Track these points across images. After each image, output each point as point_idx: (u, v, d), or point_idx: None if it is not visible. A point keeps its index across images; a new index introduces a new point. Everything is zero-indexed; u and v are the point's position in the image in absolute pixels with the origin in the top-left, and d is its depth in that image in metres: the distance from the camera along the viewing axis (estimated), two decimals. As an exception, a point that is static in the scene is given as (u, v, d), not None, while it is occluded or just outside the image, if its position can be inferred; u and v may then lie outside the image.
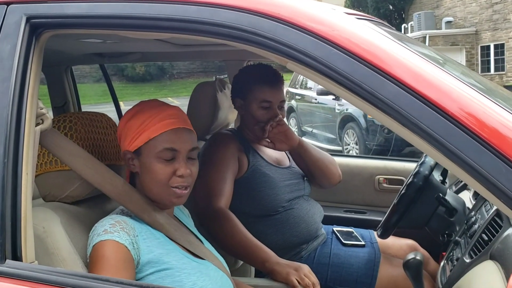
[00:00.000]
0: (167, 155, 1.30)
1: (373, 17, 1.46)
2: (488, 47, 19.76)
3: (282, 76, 2.07)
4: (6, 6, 1.19)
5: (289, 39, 0.99)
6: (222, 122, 2.27)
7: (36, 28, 1.17)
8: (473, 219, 1.64)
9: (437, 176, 1.97)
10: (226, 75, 2.75)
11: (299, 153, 2.09)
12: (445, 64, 1.37)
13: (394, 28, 1.65)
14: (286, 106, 10.40)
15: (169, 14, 1.07)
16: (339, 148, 8.63)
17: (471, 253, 1.44)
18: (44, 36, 1.19)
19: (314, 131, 9.75)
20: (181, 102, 2.19)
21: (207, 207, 1.77)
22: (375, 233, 2.14)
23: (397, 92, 0.91)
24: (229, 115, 2.28)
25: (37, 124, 1.17)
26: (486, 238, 1.39)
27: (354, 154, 7.97)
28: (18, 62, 1.12)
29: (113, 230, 1.22)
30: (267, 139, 1.96)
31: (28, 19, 1.16)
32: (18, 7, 1.18)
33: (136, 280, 1.23)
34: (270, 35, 0.99)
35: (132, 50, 2.35)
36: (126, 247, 1.21)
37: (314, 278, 1.67)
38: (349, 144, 8.31)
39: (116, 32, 1.21)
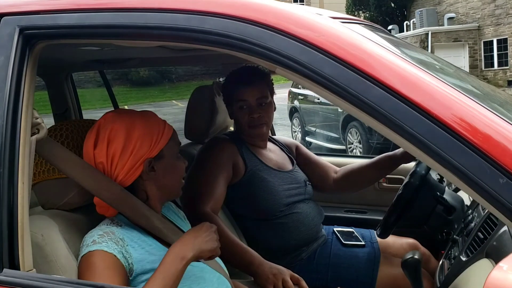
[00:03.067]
0: (178, 150, 1.43)
1: (362, 20, 1.47)
2: (491, 42, 19.70)
3: (264, 73, 2.07)
4: (-1, 18, 1.21)
5: (276, 45, 1.00)
6: (220, 126, 2.29)
7: (29, 39, 1.18)
8: (470, 218, 1.65)
9: (434, 175, 1.98)
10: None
11: None
12: (439, 69, 1.38)
13: (386, 30, 1.65)
14: (288, 107, 10.36)
15: (158, 22, 1.08)
16: (343, 147, 8.63)
17: (468, 251, 1.44)
18: (38, 47, 1.20)
19: (318, 130, 9.75)
20: (185, 105, 2.23)
21: (193, 210, 1.79)
22: (375, 232, 2.15)
23: (381, 95, 0.92)
24: (227, 119, 2.30)
25: (32, 134, 1.19)
26: (481, 236, 1.40)
27: (358, 153, 7.97)
28: (12, 73, 1.14)
29: (102, 240, 1.24)
30: None
31: (21, 31, 1.17)
32: (11, 19, 1.19)
33: (131, 287, 1.25)
34: (257, 41, 1.01)
35: (130, 56, 2.37)
36: (115, 255, 1.23)
37: (291, 284, 1.67)
38: (352, 143, 8.30)
39: (107, 41, 1.22)
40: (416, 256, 1.41)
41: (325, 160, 2.39)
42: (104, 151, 1.32)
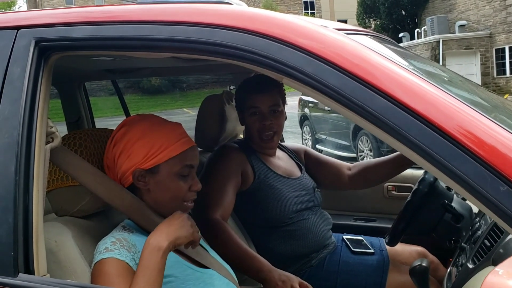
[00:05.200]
0: (185, 171, 1.38)
1: (369, 30, 1.50)
2: (503, 49, 19.60)
3: (278, 82, 2.10)
4: (16, 30, 1.25)
5: (283, 57, 1.03)
6: (230, 134, 2.32)
7: (44, 51, 1.22)
8: (477, 225, 1.66)
9: (443, 182, 1.99)
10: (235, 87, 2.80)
11: None
12: (446, 80, 1.40)
13: (393, 41, 1.67)
14: (299, 115, 10.34)
15: (169, 35, 1.12)
16: (354, 155, 8.62)
17: (474, 259, 1.45)
18: (53, 58, 1.24)
19: (328, 138, 9.75)
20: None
21: (204, 217, 1.81)
22: (384, 240, 2.16)
23: (385, 105, 0.94)
24: (237, 127, 2.32)
25: (47, 143, 1.22)
26: (488, 244, 1.41)
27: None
28: (28, 84, 1.18)
29: (114, 248, 1.26)
30: None
31: (37, 43, 1.22)
32: (28, 31, 1.24)
33: None
34: (264, 53, 1.04)
35: (142, 66, 2.41)
36: (128, 263, 1.24)
37: None
38: (363, 151, 8.30)
39: (120, 52, 1.25)
40: (424, 264, 1.42)
41: None
42: (110, 150, 1.38)
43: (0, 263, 1.10)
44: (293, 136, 11.28)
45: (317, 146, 10.01)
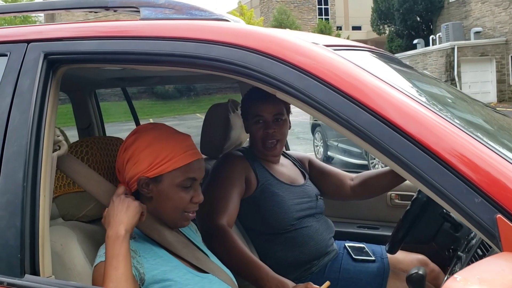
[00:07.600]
0: (187, 183, 1.41)
1: (361, 44, 1.54)
2: (519, 57, 19.42)
3: None
4: (26, 44, 1.32)
5: (275, 72, 1.08)
6: (234, 142, 2.37)
7: (53, 63, 1.29)
8: (472, 234, 1.69)
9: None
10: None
11: None
12: (444, 99, 1.43)
13: (391, 56, 1.70)
14: (311, 122, 10.26)
15: (169, 50, 1.18)
16: (365, 162, 8.62)
17: (468, 267, 1.48)
18: (60, 70, 1.31)
19: (340, 145, 9.76)
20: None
21: (209, 223, 1.86)
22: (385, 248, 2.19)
23: (369, 120, 0.99)
24: (241, 135, 2.38)
25: (54, 151, 1.29)
26: (480, 253, 1.44)
27: (380, 168, 7.93)
28: (36, 95, 1.25)
29: None
30: None
31: (46, 56, 1.29)
32: (37, 45, 1.31)
33: None
34: (258, 68, 1.09)
35: (150, 74, 2.48)
36: None
37: None
38: (374, 158, 8.29)
39: (123, 65, 1.32)
40: (420, 272, 1.45)
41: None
42: (121, 155, 1.43)
43: (7, 265, 1.17)
44: (305, 143, 11.29)
45: (329, 153, 10.03)
